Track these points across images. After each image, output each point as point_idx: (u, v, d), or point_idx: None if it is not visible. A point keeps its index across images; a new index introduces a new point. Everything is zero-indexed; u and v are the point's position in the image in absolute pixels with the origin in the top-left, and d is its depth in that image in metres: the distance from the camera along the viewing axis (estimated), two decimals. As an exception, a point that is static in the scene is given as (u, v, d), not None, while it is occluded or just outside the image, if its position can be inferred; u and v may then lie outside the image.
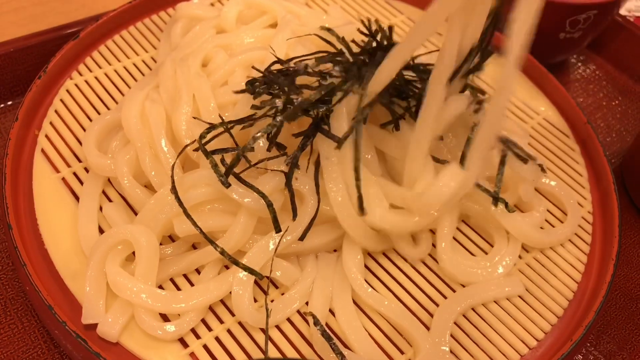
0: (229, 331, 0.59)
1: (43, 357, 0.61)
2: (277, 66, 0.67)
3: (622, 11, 1.06)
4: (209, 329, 0.59)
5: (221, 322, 0.59)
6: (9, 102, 0.83)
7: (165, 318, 0.59)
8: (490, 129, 0.57)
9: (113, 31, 0.83)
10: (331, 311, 0.61)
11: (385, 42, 0.70)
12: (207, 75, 0.70)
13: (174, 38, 0.80)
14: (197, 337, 0.58)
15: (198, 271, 0.62)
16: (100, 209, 0.65)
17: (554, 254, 0.68)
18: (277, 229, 0.58)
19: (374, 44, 0.70)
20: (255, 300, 0.60)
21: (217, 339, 0.59)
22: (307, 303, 0.61)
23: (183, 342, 0.58)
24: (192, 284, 0.61)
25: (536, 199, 0.70)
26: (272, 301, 0.61)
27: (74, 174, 0.68)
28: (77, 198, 0.66)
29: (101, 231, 0.64)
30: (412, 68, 0.69)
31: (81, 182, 0.68)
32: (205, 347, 0.58)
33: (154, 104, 0.67)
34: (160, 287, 0.61)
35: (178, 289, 0.61)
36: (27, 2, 0.99)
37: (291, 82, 0.63)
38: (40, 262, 0.61)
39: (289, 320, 0.60)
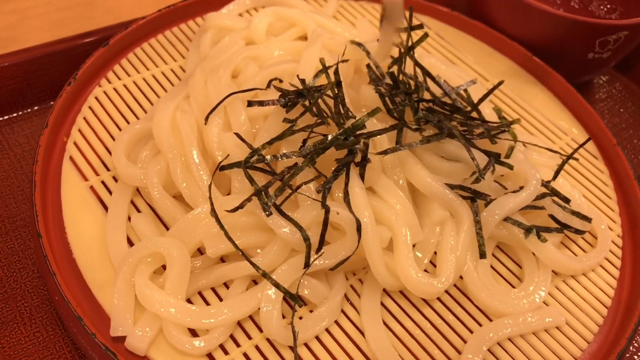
0: (257, 347, 0.59)
1: (67, 367, 0.61)
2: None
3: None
4: (237, 344, 0.58)
5: (249, 337, 0.59)
6: (35, 107, 0.83)
7: (193, 333, 0.58)
8: None
9: (142, 39, 0.83)
10: (360, 331, 0.60)
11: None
12: (237, 87, 0.70)
13: (203, 48, 0.79)
14: (226, 352, 0.58)
15: (226, 284, 0.62)
16: (129, 218, 0.65)
17: (584, 278, 0.68)
18: (307, 265, 0.57)
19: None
20: (284, 317, 0.60)
21: (245, 355, 0.58)
22: (336, 321, 0.61)
23: (211, 358, 0.57)
24: (220, 298, 0.61)
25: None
26: (300, 318, 0.60)
27: (102, 182, 0.68)
28: (105, 207, 0.66)
29: (129, 242, 0.63)
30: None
31: (109, 191, 0.67)
32: (233, 363, 0.58)
33: (185, 114, 0.67)
34: (189, 300, 0.60)
35: (206, 302, 0.61)
36: (53, 7, 0.99)
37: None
38: (68, 271, 0.61)
39: (317, 338, 0.60)
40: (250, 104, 0.64)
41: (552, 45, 0.87)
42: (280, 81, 0.72)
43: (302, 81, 0.65)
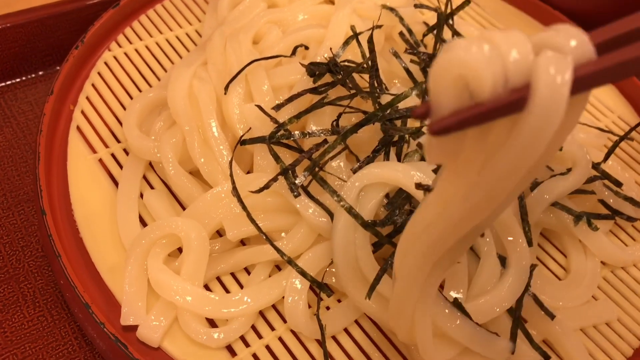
0: (280, 339, 0.54)
1: (74, 355, 0.56)
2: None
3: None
4: (259, 336, 0.54)
5: (272, 328, 0.54)
6: (40, 72, 0.77)
7: (211, 323, 0.54)
8: None
9: (155, 0, 0.77)
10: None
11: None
12: (259, 54, 0.64)
13: (221, 11, 0.73)
14: (246, 344, 0.53)
15: (246, 270, 0.57)
16: (141, 195, 0.60)
17: (635, 269, 0.62)
18: None
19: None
20: (309, 306, 0.55)
21: (268, 347, 0.53)
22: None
23: (231, 350, 0.53)
24: (240, 285, 0.56)
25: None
26: (327, 308, 0.55)
27: (112, 155, 0.63)
28: (115, 182, 0.61)
29: (141, 221, 0.58)
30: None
31: (120, 165, 0.62)
32: (254, 356, 0.53)
33: (202, 82, 0.61)
34: (206, 287, 0.55)
35: (225, 289, 0.56)
36: (60, -36, 0.92)
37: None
38: (75, 252, 0.56)
39: (345, 330, 0.55)
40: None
41: (599, 17, 0.81)
42: (306, 48, 0.66)
43: (333, 58, 0.60)
